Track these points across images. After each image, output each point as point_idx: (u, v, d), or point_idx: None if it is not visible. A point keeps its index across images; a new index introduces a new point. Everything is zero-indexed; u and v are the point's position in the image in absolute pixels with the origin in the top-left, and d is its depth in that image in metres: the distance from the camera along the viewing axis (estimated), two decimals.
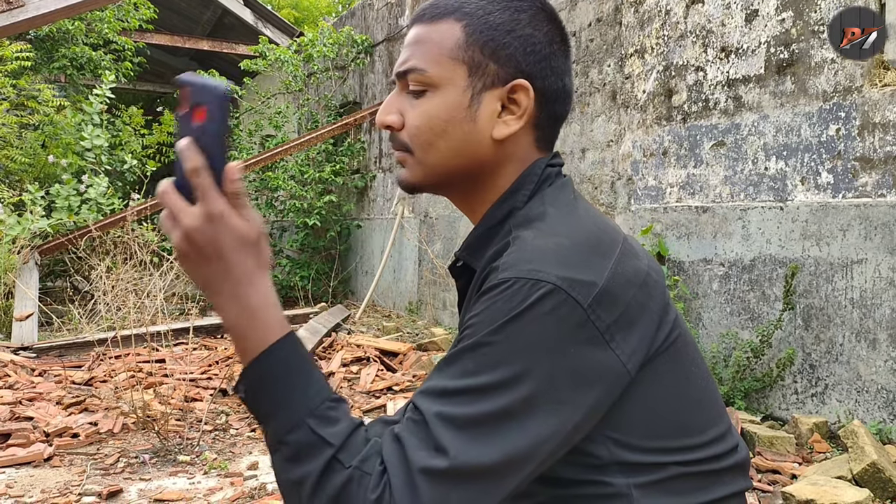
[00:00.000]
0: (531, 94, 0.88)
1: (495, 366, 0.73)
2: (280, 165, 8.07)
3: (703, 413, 0.87)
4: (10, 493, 2.49)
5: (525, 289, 0.74)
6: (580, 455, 0.80)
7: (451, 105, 0.87)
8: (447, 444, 0.71)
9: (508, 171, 0.90)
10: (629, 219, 4.11)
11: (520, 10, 0.89)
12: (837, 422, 3.01)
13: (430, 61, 0.88)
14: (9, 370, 4.01)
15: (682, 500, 0.82)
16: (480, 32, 0.87)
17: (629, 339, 0.77)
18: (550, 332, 0.73)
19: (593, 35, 4.63)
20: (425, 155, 0.89)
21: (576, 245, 0.80)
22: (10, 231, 5.91)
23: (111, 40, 9.49)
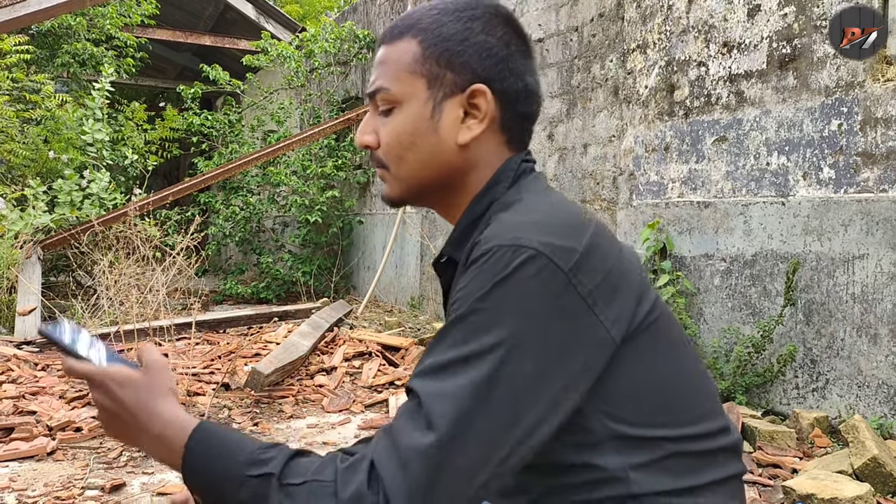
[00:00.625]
0: (489, 97, 0.91)
1: (483, 332, 0.75)
2: (282, 161, 8.08)
3: (693, 391, 0.88)
4: (13, 487, 2.50)
5: (508, 255, 0.77)
6: (575, 432, 0.81)
7: (415, 118, 0.91)
8: (439, 417, 0.72)
9: (480, 175, 0.93)
10: (631, 214, 4.11)
11: (472, 19, 0.92)
12: (838, 417, 3.02)
13: (392, 79, 0.92)
14: (12, 364, 4.02)
15: (677, 481, 0.82)
16: (435, 45, 0.91)
17: (611, 307, 0.79)
18: (534, 295, 0.75)
19: (595, 30, 4.63)
20: (398, 169, 0.94)
21: (553, 219, 0.83)
22: (13, 226, 5.92)
23: (113, 36, 9.49)
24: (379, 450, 0.73)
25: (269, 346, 4.59)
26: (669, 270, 3.68)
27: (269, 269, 7.77)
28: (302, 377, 4.07)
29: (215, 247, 8.44)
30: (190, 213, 7.90)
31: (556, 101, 5.00)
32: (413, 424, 0.73)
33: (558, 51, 4.98)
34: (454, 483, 0.71)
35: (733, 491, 0.88)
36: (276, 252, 8.34)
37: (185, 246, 5.50)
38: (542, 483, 0.86)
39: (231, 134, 9.08)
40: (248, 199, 8.17)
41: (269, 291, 7.72)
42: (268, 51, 8.62)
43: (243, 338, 5.02)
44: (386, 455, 0.72)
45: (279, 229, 8.85)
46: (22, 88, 7.75)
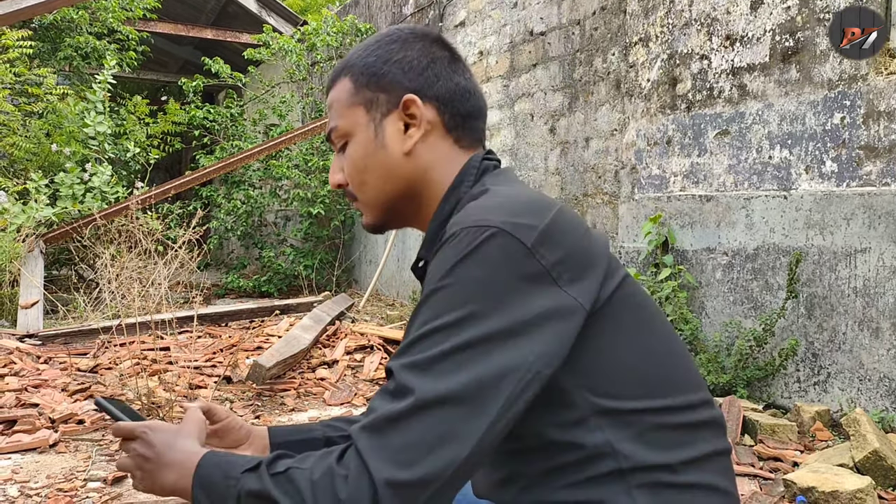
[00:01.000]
0: (420, 104, 0.98)
1: (450, 307, 0.77)
2: (284, 154, 8.07)
3: (673, 363, 0.90)
4: (15, 479, 2.51)
5: (471, 234, 0.80)
6: (558, 408, 0.83)
7: (364, 143, 0.99)
8: (411, 385, 0.74)
9: (437, 177, 0.99)
10: (633, 208, 4.10)
11: (391, 42, 1.01)
12: (840, 410, 3.02)
13: (337, 117, 1.02)
14: (14, 357, 4.03)
15: (664, 455, 0.83)
16: (362, 74, 1.00)
17: (575, 281, 0.81)
18: (498, 269, 0.78)
19: (597, 24, 4.62)
20: (365, 195, 1.02)
21: (515, 202, 0.87)
22: (15, 219, 5.92)
23: (115, 29, 9.48)
24: (355, 427, 0.77)
25: (270, 340, 4.59)
26: (671, 264, 3.68)
27: (270, 263, 7.77)
28: (303, 370, 4.08)
29: (217, 241, 8.45)
30: (192, 207, 7.89)
31: (557, 94, 4.99)
32: (387, 396, 0.76)
33: (560, 44, 4.97)
34: (429, 446, 0.73)
35: (721, 469, 0.88)
36: (278, 246, 8.34)
37: (186, 240, 5.50)
38: (530, 468, 0.86)
39: (233, 128, 9.07)
40: (249, 192, 8.17)
41: (270, 285, 7.73)
42: (269, 44, 8.61)
43: (245, 331, 5.02)
44: (360, 428, 0.76)
45: (281, 223, 8.85)
46: (24, 82, 7.75)
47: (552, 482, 0.84)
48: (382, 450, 0.73)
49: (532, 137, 5.26)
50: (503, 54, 5.65)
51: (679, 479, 0.83)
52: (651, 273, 3.79)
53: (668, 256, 3.72)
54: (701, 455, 0.86)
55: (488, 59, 5.83)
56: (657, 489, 0.82)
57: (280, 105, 8.61)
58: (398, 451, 0.72)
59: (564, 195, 4.90)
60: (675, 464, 0.83)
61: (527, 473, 0.87)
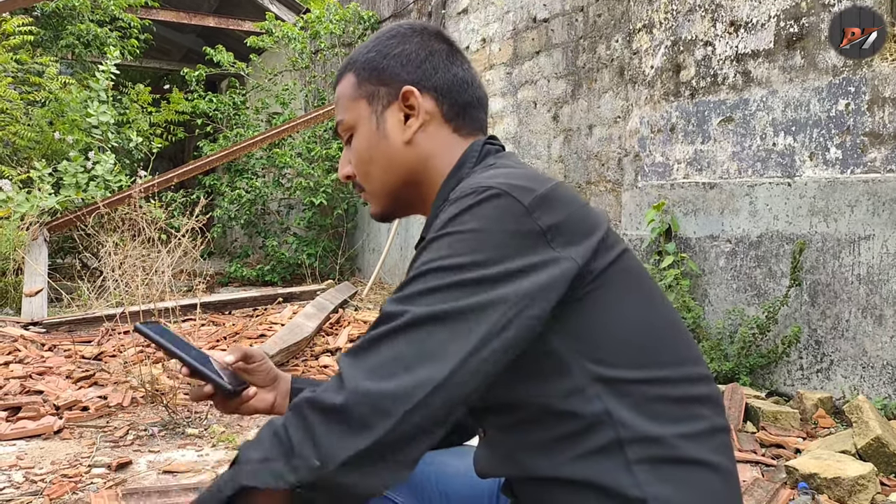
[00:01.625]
0: (418, 95, 1.02)
1: (446, 253, 0.80)
2: (287, 143, 8.06)
3: (672, 336, 0.91)
4: (20, 465, 2.53)
5: (472, 194, 0.84)
6: (557, 377, 0.84)
7: (367, 134, 1.04)
8: (397, 311, 0.77)
9: (437, 164, 1.03)
10: (636, 195, 4.09)
11: (390, 38, 1.06)
12: (842, 397, 3.02)
13: (343, 110, 1.06)
14: (19, 345, 4.05)
15: (663, 427, 0.84)
16: (364, 69, 1.05)
17: (569, 245, 0.83)
18: (494, 223, 0.81)
19: (601, 10, 4.59)
20: (371, 184, 1.06)
21: (516, 173, 0.89)
22: (19, 208, 5.92)
23: (117, 17, 9.45)
24: (343, 355, 0.79)
25: (273, 328, 4.60)
26: (674, 252, 3.67)
27: (274, 252, 7.78)
28: (307, 358, 4.09)
29: (220, 229, 8.45)
30: (195, 196, 7.90)
31: (560, 81, 4.97)
32: (372, 328, 0.79)
33: (563, 31, 4.94)
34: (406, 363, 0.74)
35: (721, 445, 0.89)
36: (281, 234, 8.34)
37: (190, 228, 5.51)
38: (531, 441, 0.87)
39: (236, 117, 9.05)
40: (252, 181, 8.16)
41: (274, 274, 7.73)
42: (272, 32, 8.58)
43: (248, 319, 5.03)
44: (345, 352, 0.79)
45: (284, 212, 8.84)
46: (27, 70, 7.74)
47: (553, 455, 0.85)
48: (361, 365, 0.74)
49: (535, 125, 5.24)
50: (506, 41, 5.62)
51: (679, 453, 0.83)
52: (654, 261, 3.79)
53: (670, 244, 3.71)
54: (700, 430, 0.86)
55: (491, 47, 5.81)
56: (657, 465, 0.82)
57: (283, 93, 8.59)
58: (376, 366, 0.74)
59: (567, 183, 4.89)
60: (674, 436, 0.83)
61: (528, 447, 0.87)
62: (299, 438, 0.73)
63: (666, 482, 0.82)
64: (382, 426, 0.71)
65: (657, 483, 0.81)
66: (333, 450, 0.71)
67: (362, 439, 0.71)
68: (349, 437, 0.71)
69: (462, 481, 1.11)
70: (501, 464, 0.93)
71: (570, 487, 0.84)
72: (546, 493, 0.87)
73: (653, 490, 0.81)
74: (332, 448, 0.71)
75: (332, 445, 0.71)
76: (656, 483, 0.81)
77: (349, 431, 0.71)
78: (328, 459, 0.71)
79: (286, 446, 0.74)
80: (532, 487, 0.89)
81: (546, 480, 0.86)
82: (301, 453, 0.72)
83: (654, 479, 0.81)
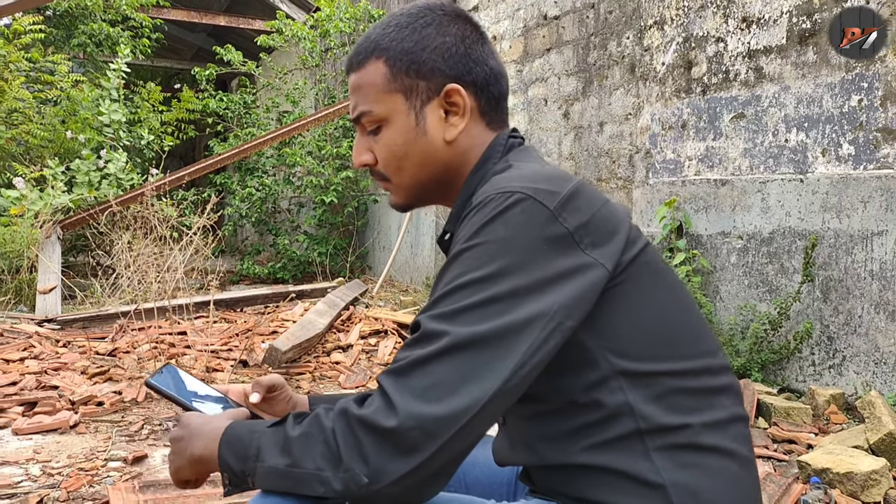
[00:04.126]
0: (463, 93, 0.98)
1: (477, 265, 0.81)
2: (297, 141, 8.09)
3: (692, 328, 0.92)
4: (37, 458, 2.55)
5: (497, 200, 0.84)
6: (582, 369, 0.85)
7: (403, 129, 0.99)
8: (439, 331, 0.78)
9: (471, 159, 1.01)
10: (647, 192, 4.09)
11: (425, 26, 1.00)
12: (854, 393, 3.01)
13: (372, 102, 1.00)
14: (34, 341, 4.08)
15: (683, 417, 0.85)
16: (400, 59, 0.98)
17: (598, 245, 0.84)
18: (522, 230, 0.81)
19: (612, 7, 4.59)
20: (399, 178, 1.03)
21: (538, 174, 0.89)
22: (33, 206, 5.98)
23: (129, 16, 9.50)
24: (381, 374, 0.80)
25: (285, 324, 4.62)
26: (685, 248, 3.67)
27: (284, 250, 7.81)
28: (319, 354, 4.11)
29: (232, 227, 8.49)
30: (206, 194, 7.94)
31: (571, 79, 4.98)
32: (413, 344, 0.79)
33: (574, 28, 4.94)
34: (454, 386, 0.76)
35: (739, 434, 0.90)
36: (292, 233, 8.37)
37: (201, 226, 5.54)
38: (553, 430, 0.88)
39: (246, 116, 9.09)
40: (263, 180, 8.20)
41: (285, 272, 7.76)
42: (282, 31, 8.61)
43: (260, 316, 5.06)
44: (386, 372, 0.79)
45: (295, 210, 8.87)
46: (39, 69, 7.79)
47: (574, 444, 0.86)
48: (408, 388, 0.76)
49: (546, 122, 5.24)
50: (517, 39, 5.63)
51: (698, 441, 0.84)
52: (665, 258, 3.79)
53: (682, 241, 3.71)
54: (719, 419, 0.87)
55: (501, 44, 5.81)
56: (676, 452, 0.83)
57: (293, 92, 8.62)
58: (425, 389, 0.75)
59: None
60: (693, 426, 0.85)
61: (549, 435, 0.88)
62: (349, 454, 0.76)
63: (685, 468, 0.83)
64: (430, 448, 0.74)
65: (676, 469, 0.82)
66: (383, 469, 0.74)
67: (412, 460, 0.74)
68: (399, 458, 0.74)
69: (481, 470, 1.12)
70: (520, 452, 0.94)
71: (589, 472, 0.85)
72: (565, 479, 0.88)
73: (672, 476, 0.82)
74: (382, 467, 0.74)
75: (381, 465, 0.74)
76: (675, 469, 0.82)
77: (399, 454, 0.74)
78: (377, 477, 0.74)
79: (335, 457, 0.76)
80: (550, 474, 0.90)
81: (564, 467, 0.87)
82: (350, 467, 0.75)
83: (673, 465, 0.82)
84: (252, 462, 0.83)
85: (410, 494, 0.76)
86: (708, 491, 0.83)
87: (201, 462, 0.90)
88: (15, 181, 6.15)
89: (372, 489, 0.74)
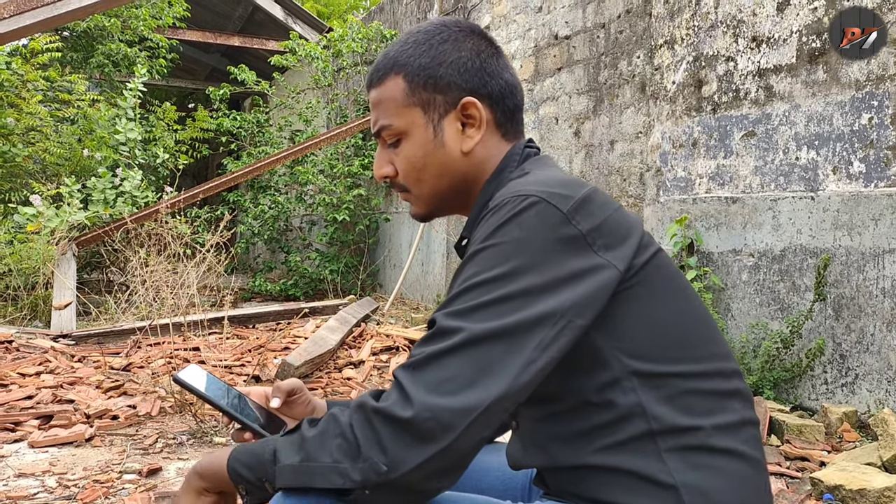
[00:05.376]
0: (479, 106, 1.02)
1: (492, 264, 0.84)
2: (310, 160, 8.16)
3: (705, 332, 0.94)
4: (53, 471, 2.58)
5: (512, 203, 0.87)
6: (595, 370, 0.87)
7: (422, 142, 1.03)
8: (454, 327, 0.81)
9: (488, 169, 1.05)
10: (658, 210, 4.11)
11: (441, 42, 1.04)
12: (868, 412, 3.00)
13: (391, 116, 1.04)
14: (50, 356, 4.13)
15: (694, 419, 0.87)
16: (417, 76, 1.03)
17: (610, 248, 0.87)
18: (536, 231, 0.84)
19: (622, 27, 4.63)
20: (420, 189, 1.06)
21: (553, 179, 0.93)
22: (49, 223, 6.05)
23: (146, 37, 9.65)
24: (396, 368, 0.84)
25: (297, 341, 4.65)
26: (696, 266, 3.68)
27: (296, 267, 7.85)
28: (330, 370, 4.13)
29: (244, 245, 8.55)
30: (219, 212, 8.01)
31: (582, 97, 5.01)
32: (428, 340, 0.82)
33: (585, 48, 4.99)
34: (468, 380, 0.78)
35: (750, 438, 0.91)
36: (304, 250, 8.42)
37: (214, 243, 5.59)
38: (566, 431, 0.90)
39: (259, 134, 9.18)
40: (276, 197, 8.26)
41: (296, 289, 7.80)
42: (296, 51, 8.72)
43: (272, 332, 5.09)
44: (401, 367, 0.82)
45: (307, 228, 8.93)
46: (56, 88, 7.91)
47: (587, 444, 0.88)
48: (423, 381, 0.79)
49: (557, 141, 5.28)
50: (528, 58, 5.68)
51: (709, 442, 0.86)
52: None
53: (693, 258, 3.72)
54: (731, 422, 0.88)
55: (513, 64, 5.87)
56: (688, 453, 0.85)
57: (306, 111, 8.70)
58: (440, 382, 0.78)
59: None
60: (705, 427, 0.86)
61: (562, 437, 0.90)
62: (367, 444, 0.78)
63: (697, 470, 0.84)
64: (447, 438, 0.77)
65: (688, 470, 0.84)
66: (401, 458, 0.77)
67: (429, 449, 0.77)
68: (417, 447, 0.77)
69: (495, 476, 1.14)
70: (534, 454, 0.96)
71: (602, 473, 0.87)
72: (577, 480, 0.90)
73: (683, 477, 0.83)
74: (400, 456, 0.77)
75: (399, 454, 0.77)
76: (687, 470, 0.84)
77: (417, 443, 0.77)
78: (395, 466, 0.77)
79: (353, 450, 0.79)
80: (563, 476, 0.92)
81: (577, 468, 0.89)
82: (369, 457, 0.78)
83: (684, 466, 0.84)
84: (269, 466, 0.85)
85: (428, 483, 0.79)
86: (719, 492, 0.84)
87: (206, 477, 0.94)
88: (32, 198, 6.23)
89: (391, 477, 0.77)
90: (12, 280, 5.68)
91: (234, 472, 0.89)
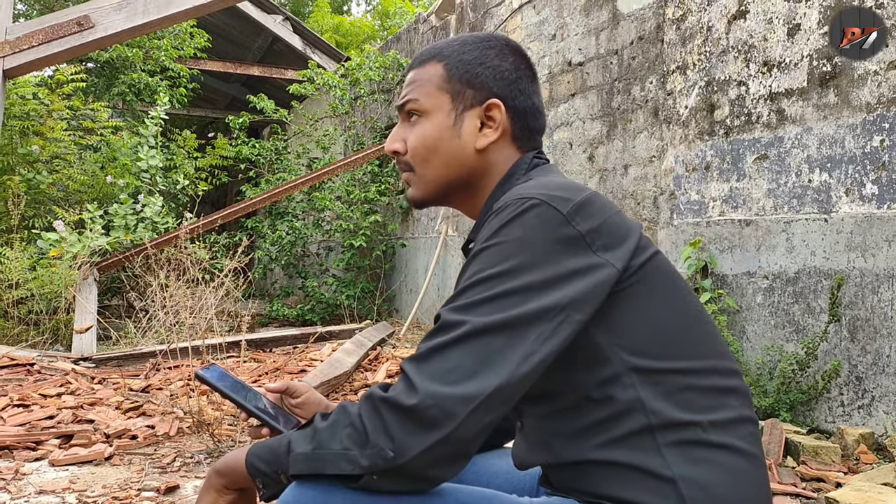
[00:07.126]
0: (503, 110, 1.08)
1: (494, 262, 0.88)
2: (327, 186, 8.25)
3: (701, 331, 0.97)
4: (73, 488, 2.62)
5: (514, 205, 0.91)
6: (595, 365, 0.91)
7: (440, 126, 1.08)
8: (457, 321, 0.85)
9: (495, 174, 1.10)
10: (672, 233, 4.13)
11: (488, 48, 1.11)
12: (884, 434, 2.98)
13: (421, 93, 1.10)
14: (70, 378, 4.19)
15: (691, 414, 0.90)
16: (457, 67, 1.09)
17: (609, 248, 0.90)
18: (537, 231, 0.89)
19: (635, 53, 4.69)
20: (424, 170, 1.10)
21: (553, 183, 0.97)
22: (71, 248, 6.16)
23: (167, 67, 9.86)
24: (403, 361, 0.87)
25: (313, 363, 4.68)
26: (711, 288, 3.69)
27: (313, 293, 7.91)
28: (346, 392, 4.16)
29: (262, 270, 8.63)
30: (237, 238, 8.11)
31: (596, 122, 5.07)
32: (433, 334, 0.86)
33: (598, 74, 5.05)
34: (470, 370, 0.82)
35: (748, 434, 0.93)
36: (321, 276, 8.48)
37: (232, 269, 5.66)
38: (568, 427, 0.93)
39: (277, 162, 9.31)
40: (293, 223, 8.35)
41: (313, 314, 7.85)
42: (314, 80, 8.86)
43: (289, 356, 5.13)
44: (408, 359, 0.86)
45: (323, 253, 9.00)
46: (80, 117, 8.09)
47: (588, 440, 0.91)
48: (427, 371, 0.83)
49: (571, 165, 5.32)
50: (542, 85, 5.75)
51: (707, 437, 0.88)
52: None
53: (707, 281, 3.73)
54: (728, 419, 0.91)
55: None
56: (686, 447, 0.87)
57: (323, 138, 8.82)
58: (443, 372, 0.82)
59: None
60: (702, 423, 0.89)
61: (564, 433, 0.93)
62: (375, 432, 0.83)
63: (695, 464, 0.87)
64: (449, 425, 0.81)
65: (686, 464, 0.87)
66: (406, 444, 0.81)
67: (432, 436, 0.81)
68: (421, 434, 0.81)
69: (503, 479, 1.17)
70: (538, 452, 0.99)
71: (603, 468, 0.90)
72: (580, 476, 0.92)
73: (682, 471, 0.86)
74: (406, 442, 0.81)
75: (405, 440, 0.81)
76: (686, 464, 0.87)
77: (421, 429, 0.81)
78: (401, 451, 0.81)
79: (362, 437, 0.83)
80: (566, 472, 0.95)
81: (579, 464, 0.92)
82: (376, 443, 0.82)
83: (683, 460, 0.87)
84: (284, 458, 0.89)
85: (434, 469, 0.83)
86: (717, 485, 0.87)
87: (225, 474, 0.98)
88: (55, 224, 6.35)
89: (398, 463, 0.81)
90: (35, 304, 5.78)
91: (252, 467, 0.93)
